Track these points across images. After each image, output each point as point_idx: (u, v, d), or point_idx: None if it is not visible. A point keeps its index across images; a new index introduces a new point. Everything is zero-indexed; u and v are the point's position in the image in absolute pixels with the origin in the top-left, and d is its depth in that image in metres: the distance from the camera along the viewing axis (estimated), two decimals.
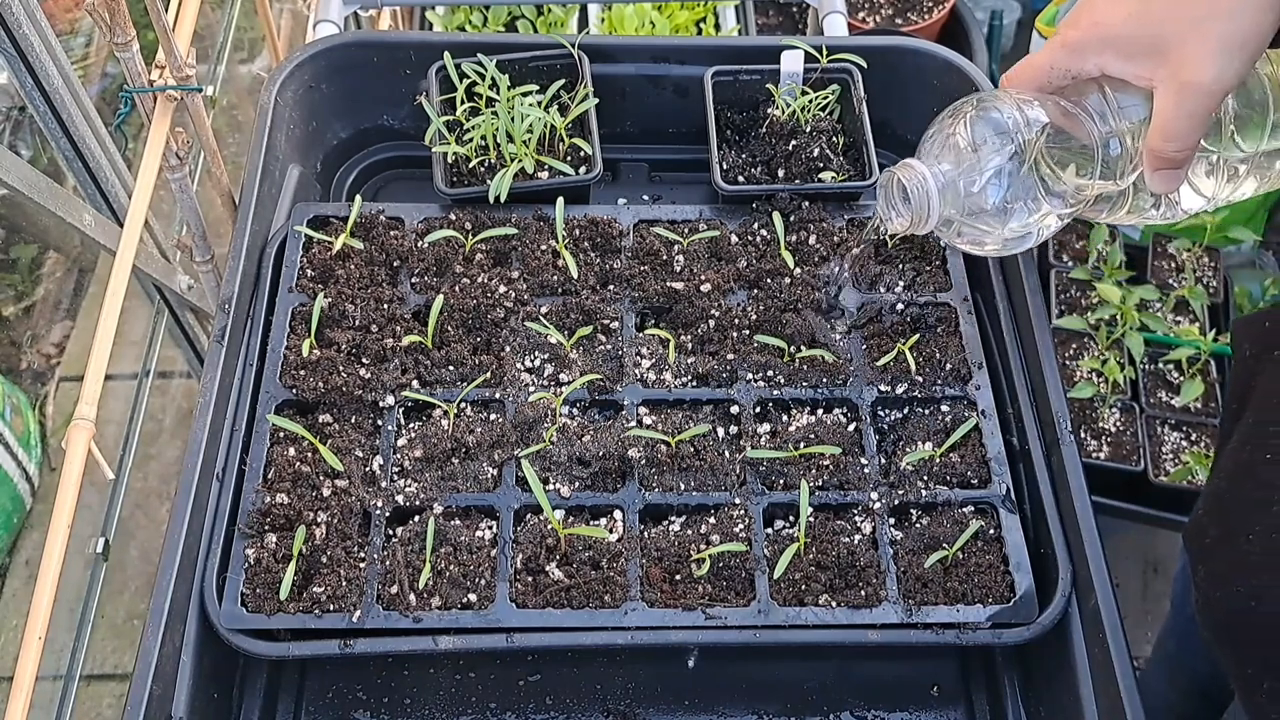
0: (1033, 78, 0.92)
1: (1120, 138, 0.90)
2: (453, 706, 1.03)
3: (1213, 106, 0.83)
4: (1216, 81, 0.81)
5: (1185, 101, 0.83)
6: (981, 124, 0.93)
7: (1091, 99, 0.91)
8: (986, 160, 0.92)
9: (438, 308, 1.13)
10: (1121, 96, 0.90)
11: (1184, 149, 0.85)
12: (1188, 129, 0.84)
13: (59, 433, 2.36)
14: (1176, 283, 2.23)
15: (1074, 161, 0.92)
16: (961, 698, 1.06)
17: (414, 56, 1.30)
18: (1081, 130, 0.90)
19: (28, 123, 2.33)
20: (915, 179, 0.94)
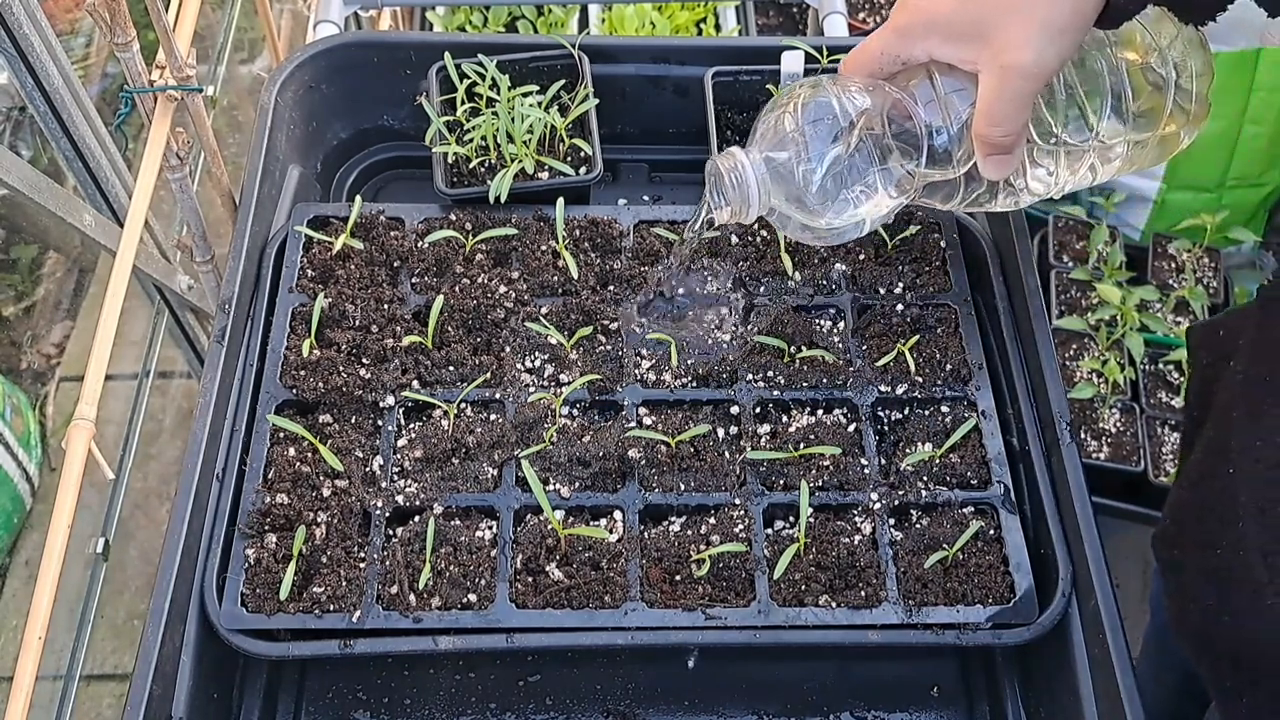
0: (865, 64, 0.91)
1: (948, 125, 0.89)
2: (453, 707, 1.03)
3: (1035, 90, 0.83)
4: (1037, 64, 0.81)
5: (1007, 85, 0.82)
6: (808, 110, 0.91)
7: (921, 85, 0.90)
8: (813, 147, 0.90)
9: (438, 308, 1.13)
10: (950, 82, 0.89)
11: (1009, 133, 0.84)
12: (1011, 112, 0.83)
13: (59, 433, 2.36)
14: (1177, 283, 2.23)
15: (903, 149, 0.90)
16: (961, 698, 1.06)
17: (414, 57, 1.30)
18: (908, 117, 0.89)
19: (28, 123, 2.33)
20: (734, 167, 0.93)
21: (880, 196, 0.93)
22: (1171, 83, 0.93)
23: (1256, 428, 0.86)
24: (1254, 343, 0.91)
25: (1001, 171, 0.88)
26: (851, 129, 0.90)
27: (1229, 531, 0.87)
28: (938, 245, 1.21)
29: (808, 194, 0.92)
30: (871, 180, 0.92)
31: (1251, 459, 0.85)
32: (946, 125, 0.89)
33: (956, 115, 0.89)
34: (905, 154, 0.91)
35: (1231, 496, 0.87)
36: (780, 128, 0.92)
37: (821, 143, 0.90)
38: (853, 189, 0.92)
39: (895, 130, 0.90)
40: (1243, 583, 0.85)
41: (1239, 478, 0.87)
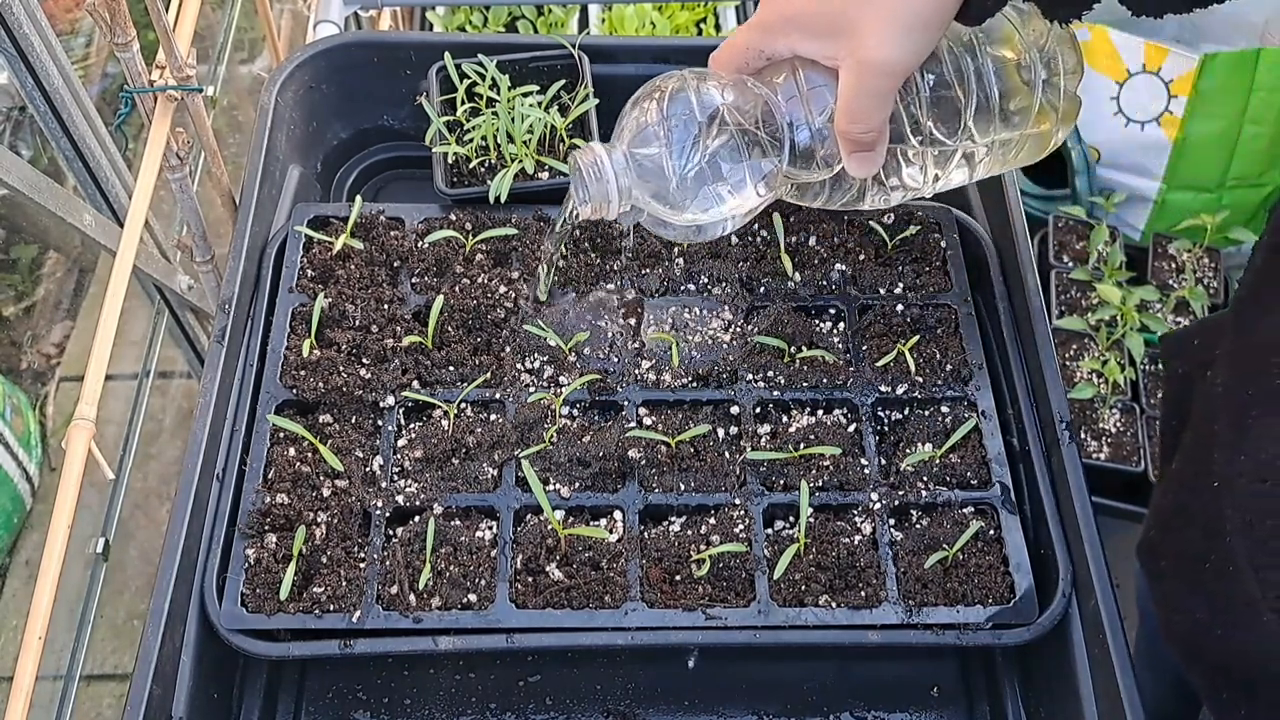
0: (731, 59, 0.90)
1: (809, 122, 0.88)
2: (453, 707, 1.03)
3: (892, 86, 0.82)
4: (893, 60, 0.80)
5: (864, 81, 0.81)
6: (670, 105, 0.90)
7: (786, 82, 0.89)
8: (675, 142, 0.89)
9: (438, 308, 1.13)
10: (814, 78, 0.88)
11: (869, 130, 0.84)
12: (869, 109, 0.82)
13: (59, 433, 2.36)
14: (1177, 283, 2.23)
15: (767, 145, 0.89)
16: (961, 698, 1.06)
17: (414, 57, 1.30)
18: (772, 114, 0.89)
19: (28, 123, 2.33)
20: (593, 162, 0.91)
21: (747, 193, 0.92)
22: (1040, 80, 0.93)
23: (1240, 441, 0.85)
24: (1231, 354, 0.90)
25: (866, 169, 0.88)
26: (714, 124, 0.88)
27: (1216, 545, 0.86)
28: (938, 245, 1.21)
29: (669, 189, 0.90)
30: (738, 177, 0.90)
31: (1235, 472, 0.84)
32: (809, 122, 0.88)
33: (819, 112, 0.88)
34: (768, 151, 0.89)
35: (1217, 510, 0.86)
36: (643, 122, 0.91)
37: (683, 138, 0.89)
38: (717, 185, 0.90)
39: (759, 127, 0.89)
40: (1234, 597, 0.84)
41: (1223, 491, 0.86)
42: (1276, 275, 0.85)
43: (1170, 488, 0.97)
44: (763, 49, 0.88)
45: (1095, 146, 2.40)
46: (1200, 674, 0.92)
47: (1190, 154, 2.30)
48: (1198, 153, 2.29)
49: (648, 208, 0.94)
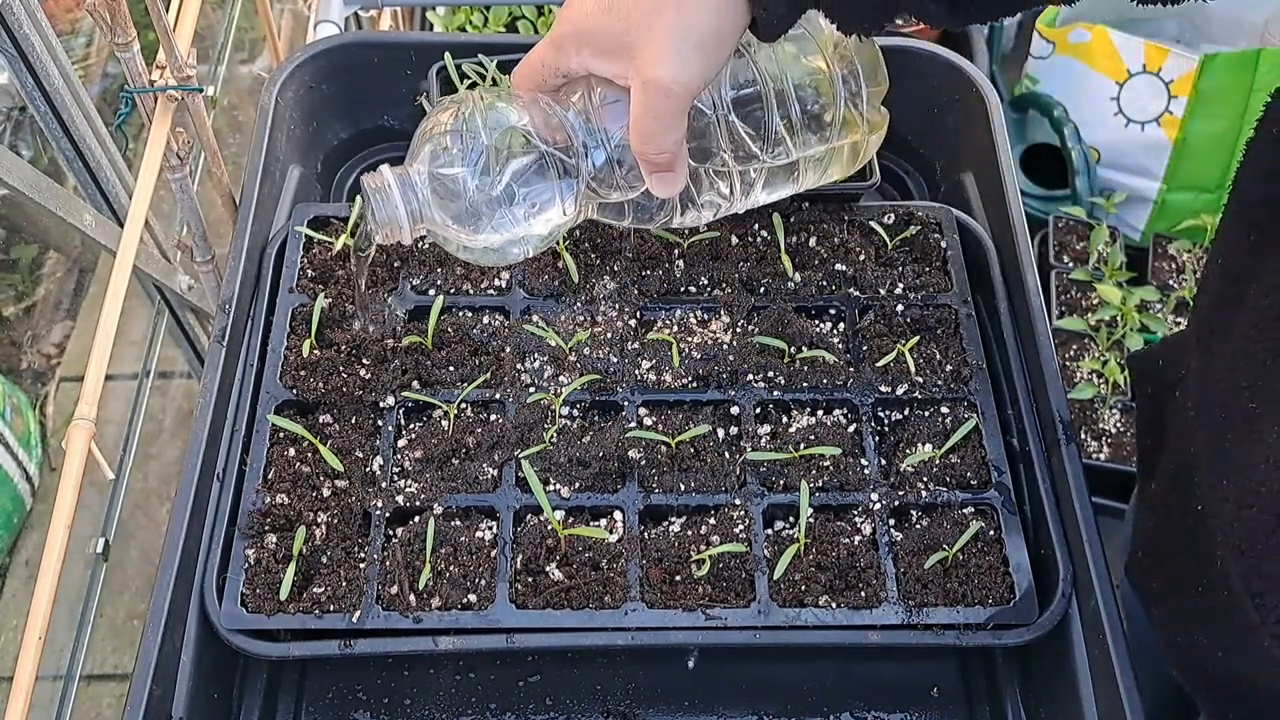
0: (529, 76, 0.88)
1: (605, 143, 0.86)
2: (453, 707, 1.03)
3: (679, 106, 0.80)
4: (677, 80, 0.78)
5: (651, 101, 0.80)
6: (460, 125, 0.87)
7: (580, 101, 0.87)
8: (471, 162, 0.86)
9: (437, 308, 1.13)
10: (609, 96, 0.86)
11: (662, 150, 0.82)
12: (657, 129, 0.81)
13: (59, 433, 2.36)
14: (1177, 284, 2.23)
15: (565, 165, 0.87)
16: (961, 699, 1.06)
17: (415, 57, 1.30)
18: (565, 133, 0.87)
19: (28, 123, 2.33)
20: (380, 187, 0.88)
21: (552, 213, 0.89)
22: (845, 93, 0.92)
23: (1221, 466, 0.83)
24: (1199, 377, 0.89)
25: (669, 189, 0.86)
26: (509, 143, 0.86)
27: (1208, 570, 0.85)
28: (938, 246, 1.21)
29: (466, 210, 0.87)
30: (543, 197, 0.88)
31: (1219, 498, 0.83)
32: (604, 143, 0.87)
33: (613, 133, 0.86)
34: (566, 172, 0.88)
35: (1206, 536, 0.85)
36: (438, 141, 0.88)
37: (477, 158, 0.86)
38: (517, 207, 0.88)
39: (555, 147, 0.87)
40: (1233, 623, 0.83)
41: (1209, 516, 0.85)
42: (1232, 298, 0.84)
43: (1155, 509, 0.97)
44: (557, 66, 0.85)
45: (1095, 147, 2.40)
46: (1206, 695, 0.92)
47: (1190, 154, 2.30)
48: (1198, 153, 2.29)
49: (444, 231, 0.90)
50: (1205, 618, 0.87)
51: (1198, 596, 0.87)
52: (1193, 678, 0.93)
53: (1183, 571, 0.90)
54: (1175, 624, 0.93)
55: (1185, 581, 0.89)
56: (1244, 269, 0.83)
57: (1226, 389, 0.83)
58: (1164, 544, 0.94)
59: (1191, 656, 0.91)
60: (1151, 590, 0.97)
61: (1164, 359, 0.99)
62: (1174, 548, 0.92)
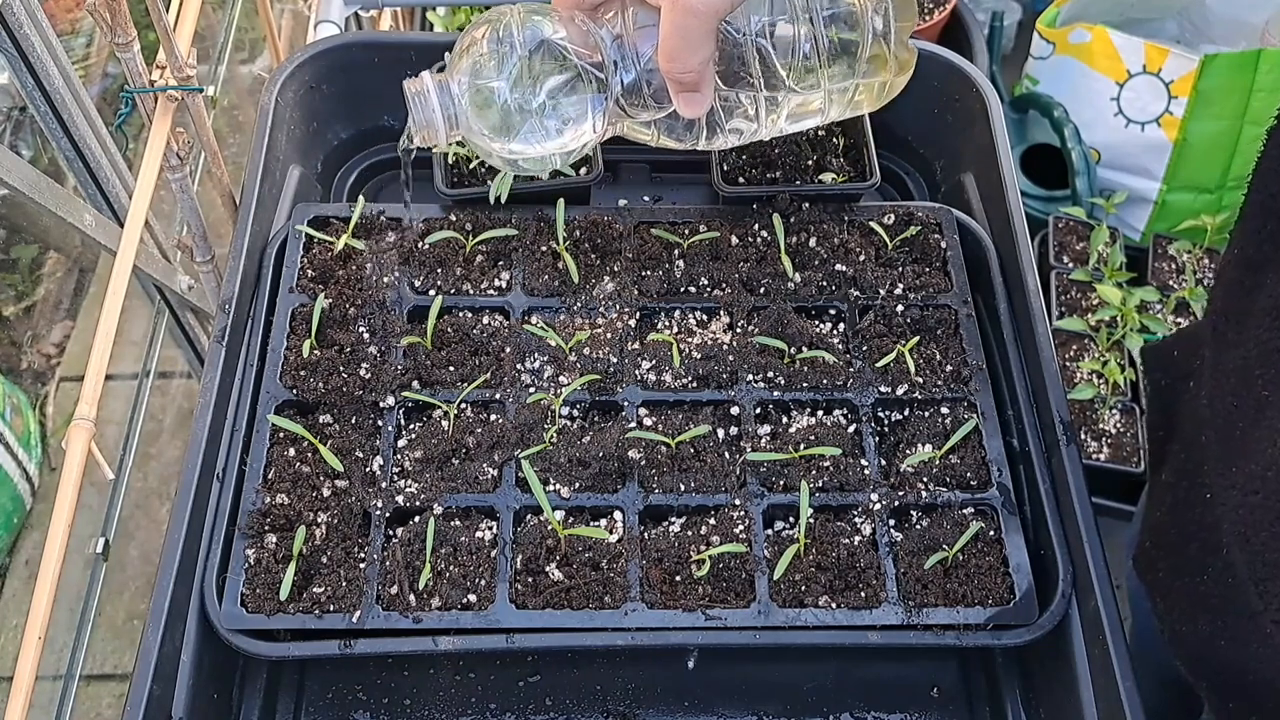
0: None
1: (635, 61, 0.90)
2: (452, 707, 1.03)
3: (706, 27, 0.82)
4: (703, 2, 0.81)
5: (679, 20, 0.82)
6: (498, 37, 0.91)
7: (614, 20, 0.90)
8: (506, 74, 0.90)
9: (436, 308, 1.13)
10: (644, 17, 0.89)
11: (688, 70, 0.84)
12: (684, 48, 0.83)
13: (59, 433, 2.36)
14: (1177, 284, 2.23)
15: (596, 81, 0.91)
16: (961, 699, 1.06)
17: (415, 57, 1.30)
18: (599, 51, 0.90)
19: (28, 123, 2.33)
20: (420, 91, 0.93)
21: (582, 128, 0.93)
22: (875, 28, 0.93)
23: (1230, 454, 0.84)
24: (1213, 366, 0.89)
25: (694, 109, 0.88)
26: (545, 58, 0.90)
27: (1214, 559, 0.86)
28: (938, 246, 1.21)
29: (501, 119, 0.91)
30: (572, 112, 0.92)
31: (1227, 484, 0.84)
32: (634, 62, 0.90)
33: (643, 52, 0.89)
34: (597, 88, 0.91)
35: (1213, 523, 0.86)
36: (475, 52, 0.92)
37: (513, 68, 0.90)
38: (550, 119, 0.92)
39: (588, 64, 0.91)
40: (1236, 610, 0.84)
41: (1217, 503, 0.85)
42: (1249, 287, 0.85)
43: (1163, 499, 0.97)
44: None
45: (1095, 147, 2.40)
46: (1207, 685, 0.92)
47: (1190, 155, 2.30)
48: (1198, 153, 2.29)
49: (479, 140, 0.94)
50: (1210, 605, 0.88)
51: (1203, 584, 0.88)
52: (1195, 668, 0.93)
53: (1189, 559, 0.90)
54: (1179, 613, 0.93)
55: (1191, 569, 0.90)
56: (1262, 257, 0.83)
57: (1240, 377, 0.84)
58: (1171, 533, 0.95)
59: (1195, 646, 0.92)
60: (1157, 580, 0.97)
61: (1178, 349, 1.00)
62: (1181, 536, 0.92)
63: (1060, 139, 2.38)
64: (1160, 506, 0.98)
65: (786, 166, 1.25)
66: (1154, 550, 0.98)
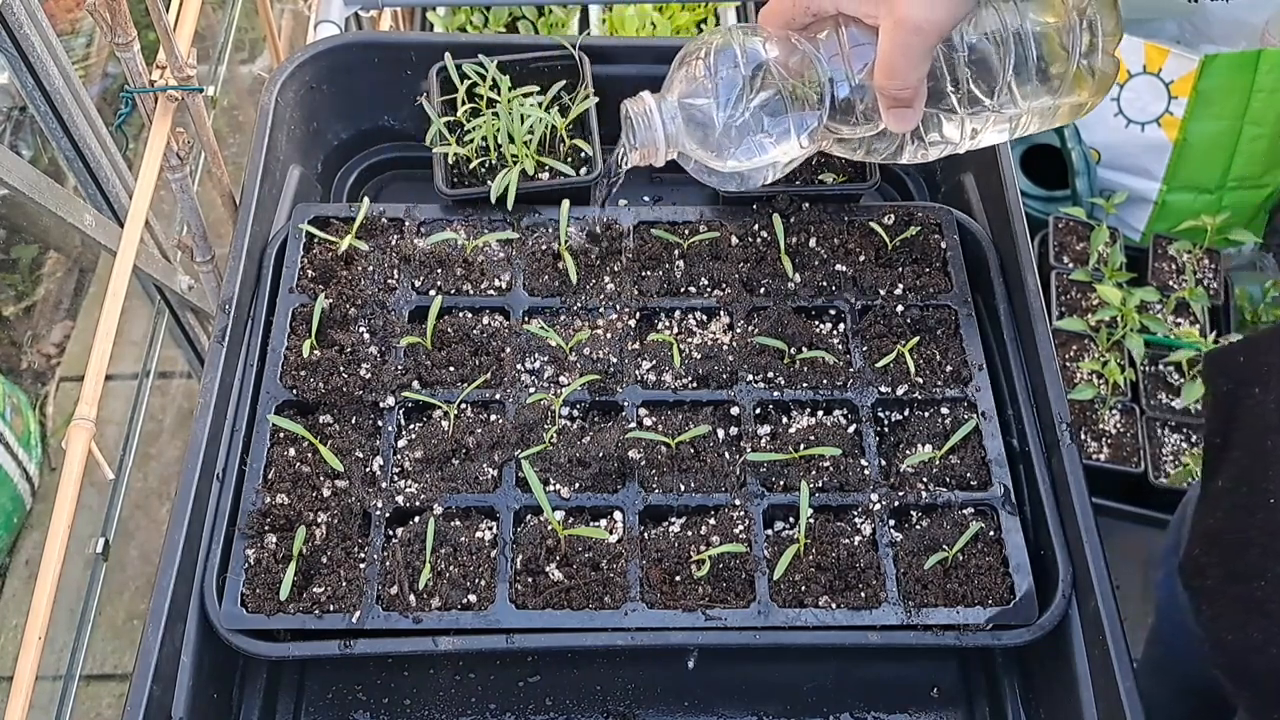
0: (778, 15, 0.94)
1: (850, 78, 0.92)
2: (452, 707, 1.03)
3: (928, 44, 0.85)
4: (928, 20, 0.83)
5: (901, 39, 0.84)
6: (718, 57, 0.94)
7: (829, 38, 0.93)
8: (721, 93, 0.94)
9: (436, 308, 1.13)
10: (856, 35, 0.91)
11: (905, 87, 0.86)
12: (905, 66, 0.85)
13: (59, 433, 2.36)
14: (1177, 284, 2.23)
15: (809, 98, 0.94)
16: (961, 699, 1.06)
17: (415, 57, 1.30)
18: (813, 69, 0.92)
19: (28, 123, 2.33)
20: (643, 111, 0.96)
21: (790, 144, 0.96)
22: (1080, 44, 0.95)
23: None
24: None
25: (903, 124, 0.90)
26: (759, 77, 0.93)
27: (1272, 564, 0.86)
28: (938, 246, 1.21)
29: (714, 138, 0.95)
30: (781, 128, 0.95)
31: None
32: (849, 78, 0.92)
33: (859, 69, 0.91)
34: (811, 105, 0.93)
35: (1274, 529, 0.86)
36: (692, 73, 0.95)
37: (729, 89, 0.93)
38: (761, 136, 0.95)
39: (802, 82, 0.93)
40: None
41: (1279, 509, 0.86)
42: None
43: (1219, 505, 0.97)
44: (808, 5, 0.92)
45: (1095, 147, 2.40)
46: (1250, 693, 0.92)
47: (1190, 155, 2.30)
48: (1198, 154, 2.30)
49: (694, 155, 0.99)
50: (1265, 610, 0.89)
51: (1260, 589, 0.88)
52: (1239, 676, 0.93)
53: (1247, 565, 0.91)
54: (1227, 621, 0.94)
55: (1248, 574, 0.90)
56: None
57: None
58: (1228, 539, 0.95)
59: (1241, 654, 0.92)
60: (1205, 588, 0.98)
61: (1244, 355, 1.01)
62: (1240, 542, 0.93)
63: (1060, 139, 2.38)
64: (1215, 513, 0.98)
65: None
66: (1204, 557, 0.98)
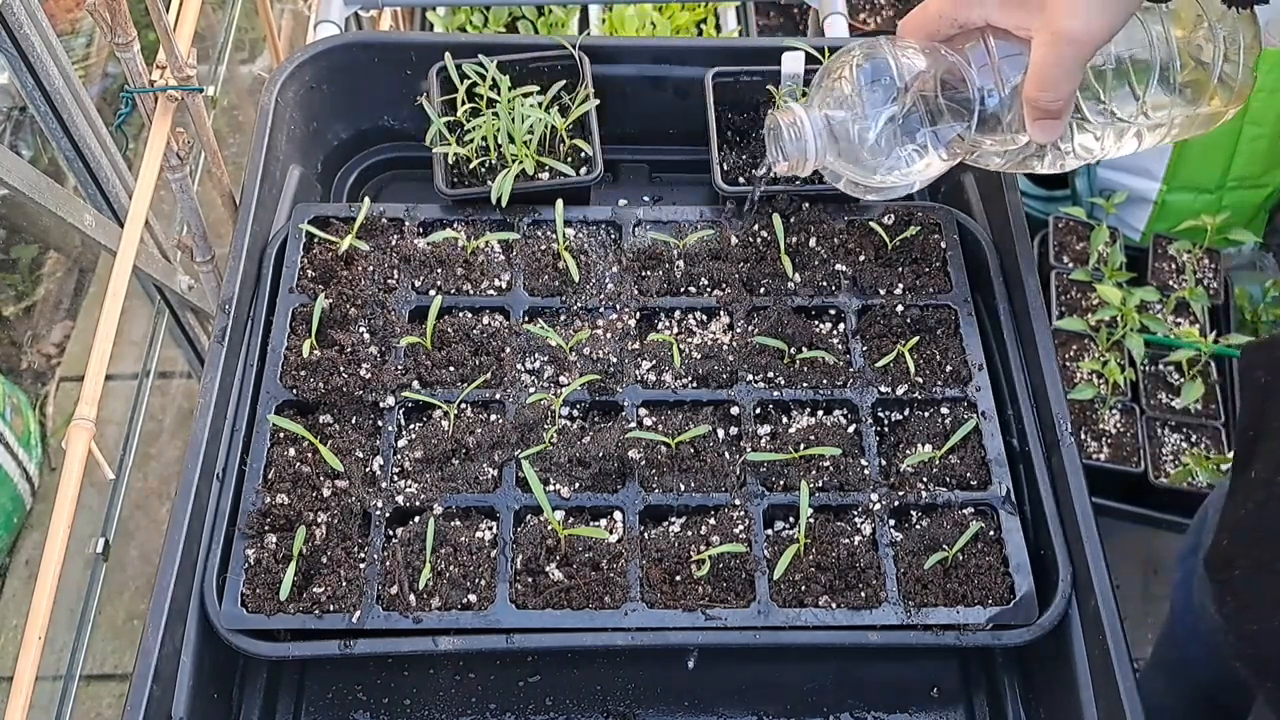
0: (921, 26, 0.95)
1: (1000, 88, 0.92)
2: (452, 707, 1.03)
3: (1084, 56, 0.85)
4: (1086, 32, 0.84)
5: (1056, 51, 0.85)
6: (865, 70, 0.95)
7: (976, 49, 0.93)
8: (869, 105, 0.94)
9: (436, 308, 1.13)
10: (1005, 46, 0.92)
11: (1058, 98, 0.87)
12: (1059, 78, 0.86)
13: (59, 433, 2.36)
14: (1177, 284, 2.23)
15: (955, 110, 0.94)
16: (961, 699, 1.06)
17: (415, 57, 1.30)
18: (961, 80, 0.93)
19: (28, 123, 2.33)
20: (793, 122, 0.98)
21: (931, 157, 0.97)
22: (1219, 57, 0.95)
23: None
24: None
25: (1049, 135, 0.91)
26: (906, 90, 0.93)
27: None
28: (938, 246, 1.21)
29: (861, 151, 0.96)
30: (923, 141, 0.95)
31: None
32: (999, 89, 0.93)
33: (1008, 80, 0.92)
34: (957, 117, 0.94)
35: None
36: (838, 86, 0.96)
37: (877, 102, 0.95)
38: (905, 148, 0.96)
39: (947, 93, 0.94)
40: None
41: None
42: None
43: (1250, 496, 0.98)
44: (955, 18, 0.93)
45: None
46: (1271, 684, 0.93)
47: (1191, 155, 2.30)
48: (1198, 154, 2.29)
49: (837, 167, 1.00)
50: None
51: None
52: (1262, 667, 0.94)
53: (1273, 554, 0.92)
54: (1254, 611, 0.95)
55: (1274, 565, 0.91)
56: None
57: None
58: (1259, 529, 0.96)
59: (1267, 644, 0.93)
60: (1232, 579, 0.98)
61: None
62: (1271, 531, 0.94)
63: None
64: (1246, 504, 0.99)
65: None
66: (1233, 547, 0.99)
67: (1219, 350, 2.04)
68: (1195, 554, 1.21)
